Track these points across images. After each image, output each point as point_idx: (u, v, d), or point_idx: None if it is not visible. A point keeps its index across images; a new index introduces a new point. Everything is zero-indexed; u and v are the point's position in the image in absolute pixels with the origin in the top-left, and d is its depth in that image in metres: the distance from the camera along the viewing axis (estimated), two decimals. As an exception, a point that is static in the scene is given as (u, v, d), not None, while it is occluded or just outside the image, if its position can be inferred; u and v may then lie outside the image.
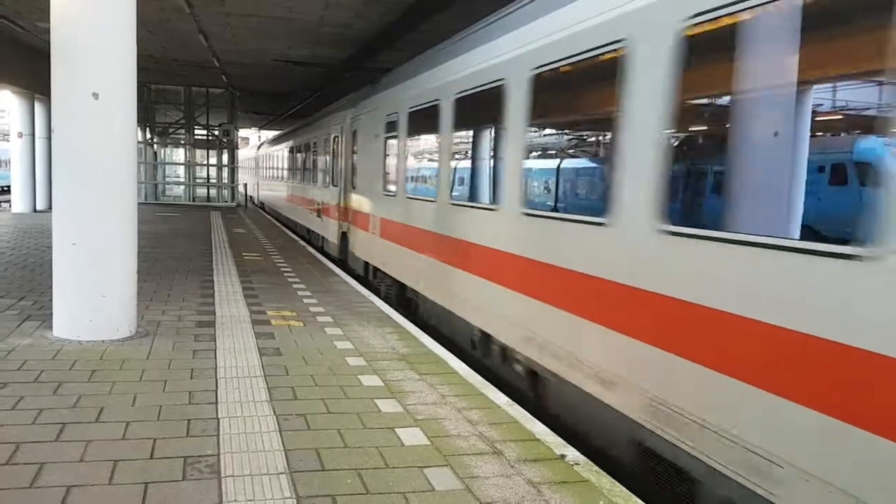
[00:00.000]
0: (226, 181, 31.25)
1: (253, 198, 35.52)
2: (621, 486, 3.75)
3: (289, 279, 10.34)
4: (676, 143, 4.23)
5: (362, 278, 11.42)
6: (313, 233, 17.55)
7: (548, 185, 7.15)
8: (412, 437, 4.30)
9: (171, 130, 31.37)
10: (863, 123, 13.45)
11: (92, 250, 6.16)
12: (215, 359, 5.81)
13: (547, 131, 6.83)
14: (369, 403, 4.90)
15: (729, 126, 4.07)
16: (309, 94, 27.01)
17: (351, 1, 13.41)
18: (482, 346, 6.66)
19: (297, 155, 21.86)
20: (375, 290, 10.38)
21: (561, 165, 6.93)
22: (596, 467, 3.99)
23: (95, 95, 5.99)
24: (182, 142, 31.70)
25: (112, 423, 4.28)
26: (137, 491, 3.39)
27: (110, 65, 6.12)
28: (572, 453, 4.17)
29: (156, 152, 31.78)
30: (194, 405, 4.67)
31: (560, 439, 4.42)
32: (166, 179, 33.79)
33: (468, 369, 5.93)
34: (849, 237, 2.91)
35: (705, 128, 5.25)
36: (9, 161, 23.29)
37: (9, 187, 23.13)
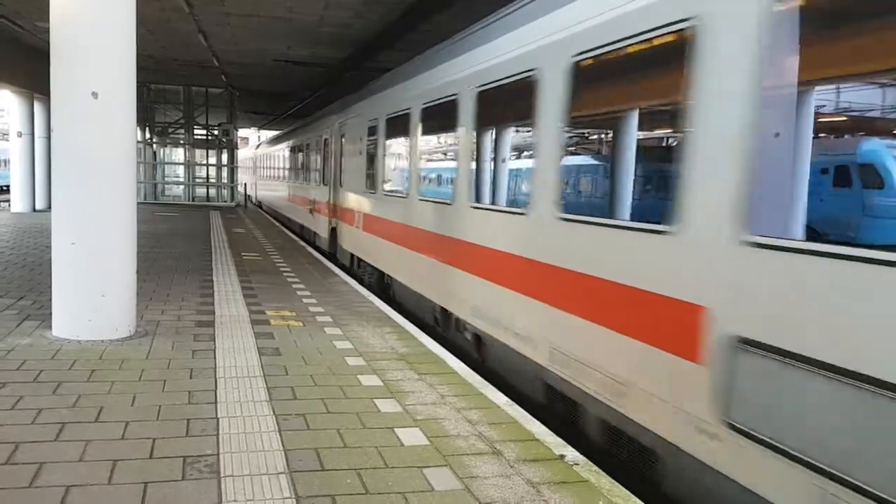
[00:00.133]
0: (225, 181, 31.26)
1: (251, 197, 35.60)
2: (621, 487, 3.75)
3: (288, 279, 10.35)
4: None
5: (349, 269, 12.50)
6: (306, 229, 18.68)
7: (483, 182, 8.14)
8: (412, 437, 4.31)
9: (170, 130, 31.36)
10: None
11: (91, 250, 6.16)
12: (215, 358, 5.81)
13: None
14: (369, 403, 4.90)
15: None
16: (309, 94, 27.02)
17: (351, 1, 13.42)
18: (442, 320, 7.71)
19: (291, 156, 23.00)
20: (359, 278, 11.50)
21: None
22: (595, 467, 3.99)
23: (95, 95, 5.99)
24: (181, 141, 31.68)
25: (111, 422, 4.28)
26: (137, 491, 3.39)
27: (110, 65, 6.11)
28: (572, 453, 4.17)
29: (155, 152, 31.77)
30: (194, 405, 4.67)
31: (560, 439, 4.42)
32: (166, 179, 33.78)
33: (467, 369, 5.93)
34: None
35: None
36: (8, 161, 23.29)
37: (8, 187, 23.12)
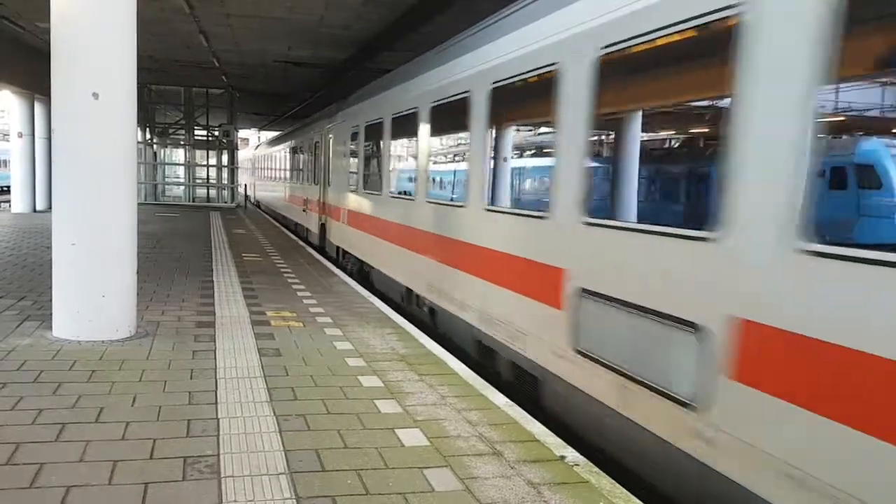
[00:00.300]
0: (225, 182, 31.26)
1: (250, 197, 35.64)
2: (621, 488, 3.75)
3: (288, 280, 10.35)
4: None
5: (336, 260, 14.00)
6: (300, 225, 20.13)
7: (438, 181, 9.57)
8: (412, 437, 4.30)
9: (170, 131, 31.38)
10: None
11: (92, 250, 6.16)
12: (215, 359, 5.81)
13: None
14: (369, 404, 4.90)
15: None
16: (309, 94, 27.02)
17: (351, 1, 13.42)
18: (407, 298, 9.10)
19: (286, 157, 24.45)
20: (343, 267, 12.81)
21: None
22: (596, 468, 3.99)
23: (95, 95, 5.99)
24: (182, 142, 31.71)
25: (112, 423, 4.28)
26: (137, 491, 3.39)
27: (110, 65, 6.11)
28: (572, 454, 4.17)
29: (155, 153, 31.79)
30: (194, 405, 4.67)
31: (560, 440, 4.42)
32: (166, 180, 33.78)
33: (468, 370, 5.93)
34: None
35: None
36: (9, 161, 23.29)
37: (9, 187, 23.12)
